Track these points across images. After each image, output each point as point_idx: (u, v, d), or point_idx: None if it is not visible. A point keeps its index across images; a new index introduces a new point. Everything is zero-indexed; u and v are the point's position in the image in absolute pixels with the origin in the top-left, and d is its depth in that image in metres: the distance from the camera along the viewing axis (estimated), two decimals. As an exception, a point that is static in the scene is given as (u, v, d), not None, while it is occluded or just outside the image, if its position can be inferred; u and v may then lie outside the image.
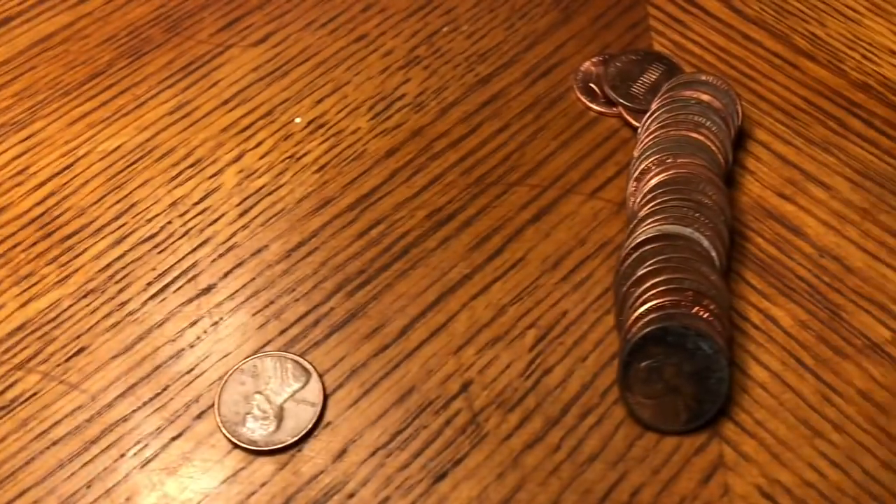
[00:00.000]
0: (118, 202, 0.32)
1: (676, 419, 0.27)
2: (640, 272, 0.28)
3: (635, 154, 0.31)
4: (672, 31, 0.37)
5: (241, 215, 0.31)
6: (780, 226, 0.31)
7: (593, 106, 0.34)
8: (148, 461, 0.26)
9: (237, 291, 0.30)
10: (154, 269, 0.30)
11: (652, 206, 0.29)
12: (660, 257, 0.28)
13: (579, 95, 0.34)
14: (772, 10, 0.38)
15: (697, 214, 0.29)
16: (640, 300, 0.27)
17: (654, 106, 0.32)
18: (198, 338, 0.29)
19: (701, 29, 0.37)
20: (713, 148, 0.31)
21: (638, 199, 0.30)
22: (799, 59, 0.36)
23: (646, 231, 0.29)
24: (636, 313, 0.27)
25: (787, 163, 0.33)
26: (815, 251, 0.31)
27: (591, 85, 0.35)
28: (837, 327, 0.29)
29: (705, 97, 0.32)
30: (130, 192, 0.32)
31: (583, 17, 0.37)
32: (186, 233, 0.31)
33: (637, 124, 0.33)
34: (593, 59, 0.35)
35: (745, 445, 0.27)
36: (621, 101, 0.33)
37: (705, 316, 0.27)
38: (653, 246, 0.28)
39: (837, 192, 0.32)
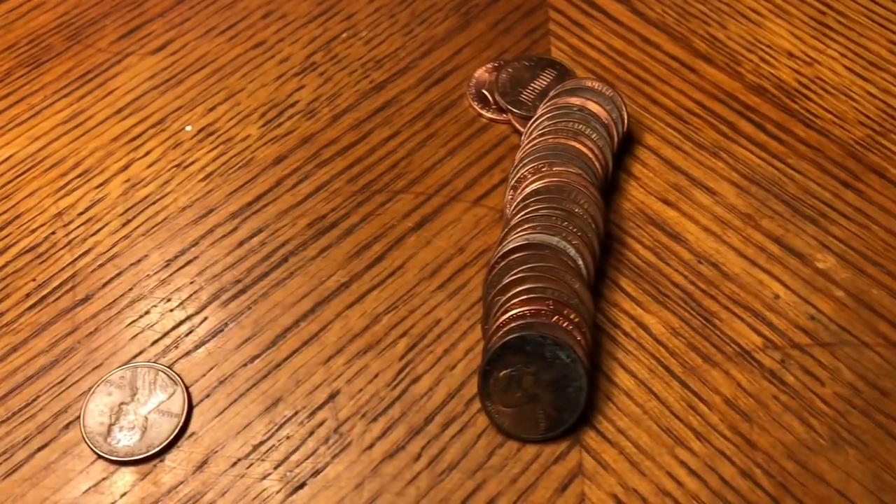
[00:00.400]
0: (4, 212, 0.32)
1: (536, 427, 0.27)
2: (506, 281, 0.28)
3: (515, 162, 0.31)
4: (571, 36, 0.37)
5: (124, 225, 0.32)
6: (661, 232, 0.31)
7: (485, 113, 0.34)
8: (12, 471, 0.27)
9: (114, 301, 0.30)
10: (34, 279, 0.30)
11: (524, 215, 0.29)
12: (524, 266, 0.28)
13: (471, 102, 0.34)
14: (674, 13, 0.38)
15: (566, 224, 0.29)
16: (503, 309, 0.27)
17: (538, 113, 0.32)
18: (72, 348, 0.29)
19: (600, 33, 0.37)
20: (591, 156, 0.31)
21: (512, 208, 0.30)
22: (696, 62, 0.36)
23: (515, 240, 0.29)
24: (498, 322, 0.27)
25: (673, 168, 0.33)
26: (693, 257, 0.31)
27: (484, 91, 0.35)
28: (709, 334, 0.29)
29: (590, 104, 0.32)
30: (17, 203, 0.32)
31: (482, 23, 0.37)
32: (69, 243, 0.31)
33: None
34: (487, 66, 0.35)
35: (605, 454, 0.27)
36: (510, 107, 0.33)
37: (565, 325, 0.27)
38: (519, 255, 0.28)
39: (722, 198, 0.32)
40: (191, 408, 0.28)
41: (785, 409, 0.28)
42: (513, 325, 0.27)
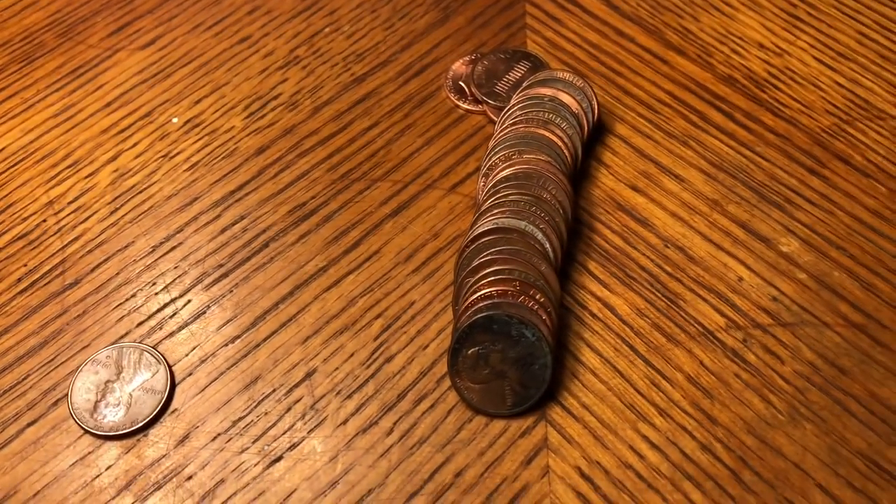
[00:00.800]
0: (-3, 201, 0.33)
1: (503, 403, 0.28)
2: (475, 263, 0.29)
3: (487, 150, 0.32)
4: (547, 29, 0.38)
5: (112, 213, 0.33)
6: (629, 217, 0.32)
7: (461, 104, 0.35)
8: (3, 446, 0.28)
9: (101, 286, 0.31)
10: (26, 265, 0.32)
11: (494, 201, 0.30)
12: (493, 249, 0.29)
13: (448, 94, 0.36)
14: (648, 6, 0.39)
15: (534, 208, 0.30)
16: (472, 290, 0.28)
17: (511, 103, 0.33)
18: (61, 330, 0.30)
19: (576, 26, 0.38)
20: (560, 144, 0.32)
21: (484, 194, 0.31)
22: (668, 54, 0.37)
23: (484, 224, 0.30)
24: (467, 302, 0.28)
25: (643, 156, 0.34)
26: (660, 241, 0.32)
27: (461, 83, 0.36)
28: (674, 315, 0.30)
29: (561, 94, 0.33)
30: (10, 192, 0.33)
31: (461, 17, 0.38)
32: (59, 230, 0.32)
33: (499, 120, 0.34)
34: (464, 59, 0.36)
35: (569, 429, 0.28)
36: (485, 98, 0.35)
37: (531, 305, 0.28)
38: (488, 238, 0.29)
39: (690, 184, 0.33)
40: (173, 385, 0.29)
41: (746, 387, 0.28)
42: (481, 304, 0.28)
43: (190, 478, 0.27)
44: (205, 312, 0.30)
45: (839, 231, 0.32)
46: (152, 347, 0.29)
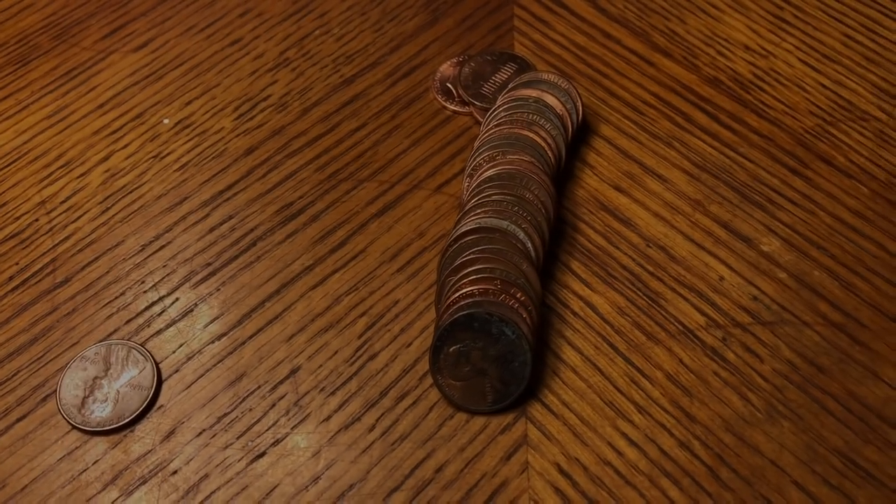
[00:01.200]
0: (-9, 201, 0.34)
1: (484, 400, 0.28)
2: (458, 262, 0.29)
3: (472, 151, 0.33)
4: (534, 31, 0.38)
5: (103, 212, 0.33)
6: (612, 217, 0.33)
7: (448, 105, 0.36)
8: (-7, 441, 0.28)
9: (91, 284, 0.32)
10: (17, 263, 0.32)
11: (477, 200, 0.31)
12: (475, 248, 0.29)
13: (436, 95, 0.36)
14: (635, 8, 0.39)
15: (517, 208, 0.30)
16: (454, 288, 0.29)
17: (496, 104, 0.34)
18: (51, 327, 0.31)
19: (563, 28, 0.38)
20: (544, 145, 0.32)
21: (467, 194, 0.31)
22: (655, 56, 0.37)
23: (467, 224, 0.30)
24: (449, 300, 0.29)
25: (627, 157, 0.34)
26: (642, 241, 0.32)
27: (448, 85, 0.36)
28: (654, 314, 0.30)
29: (545, 96, 0.33)
30: (3, 192, 0.34)
31: (450, 19, 0.39)
32: (50, 230, 0.33)
33: (485, 122, 0.35)
34: (452, 60, 0.37)
35: (549, 425, 0.28)
36: (472, 100, 0.35)
37: (511, 303, 0.28)
38: (471, 238, 0.30)
39: (673, 185, 0.33)
40: (160, 382, 0.29)
41: (724, 385, 0.29)
42: (462, 303, 0.28)
43: (175, 473, 0.27)
44: (192, 310, 0.31)
45: (820, 231, 0.32)
46: (140, 345, 0.30)
